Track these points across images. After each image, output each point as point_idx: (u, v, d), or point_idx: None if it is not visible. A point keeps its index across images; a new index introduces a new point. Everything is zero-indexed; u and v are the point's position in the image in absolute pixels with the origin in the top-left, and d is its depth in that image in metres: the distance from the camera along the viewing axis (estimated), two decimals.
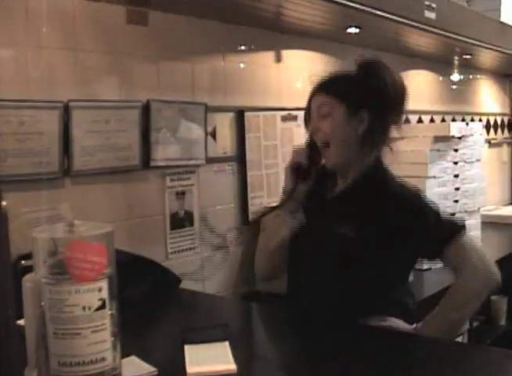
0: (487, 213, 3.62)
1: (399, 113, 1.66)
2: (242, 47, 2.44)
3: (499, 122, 4.51)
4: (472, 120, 4.00)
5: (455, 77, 3.96)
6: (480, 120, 4.13)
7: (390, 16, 2.21)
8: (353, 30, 2.51)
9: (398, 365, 1.25)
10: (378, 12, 2.14)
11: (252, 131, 2.46)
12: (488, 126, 4.35)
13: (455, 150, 2.88)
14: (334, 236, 1.58)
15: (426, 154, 2.74)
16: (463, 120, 3.86)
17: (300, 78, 2.71)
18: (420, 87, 3.59)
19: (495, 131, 4.45)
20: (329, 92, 1.62)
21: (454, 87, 3.97)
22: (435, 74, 3.75)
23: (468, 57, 3.44)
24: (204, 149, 2.25)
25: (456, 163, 2.89)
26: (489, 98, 4.41)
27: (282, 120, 2.59)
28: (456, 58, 3.53)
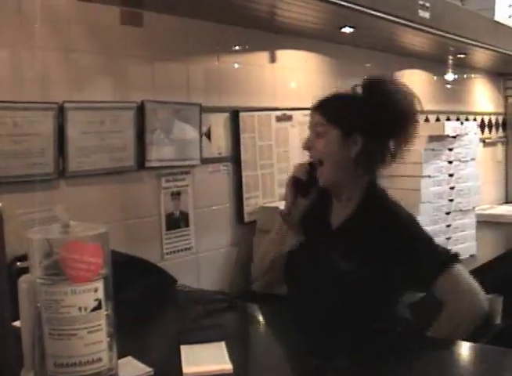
0: (482, 212, 3.64)
1: (402, 137, 1.62)
2: (236, 47, 2.44)
3: (494, 121, 4.52)
4: (467, 119, 4.00)
5: (449, 76, 3.97)
6: (474, 119, 4.13)
7: (384, 16, 2.21)
8: (347, 29, 2.51)
9: (399, 365, 1.25)
10: (372, 11, 2.14)
11: (247, 131, 2.46)
12: (482, 125, 4.36)
13: (449, 150, 2.89)
14: (335, 270, 1.58)
15: (421, 153, 2.74)
16: (458, 119, 3.87)
17: (294, 78, 2.71)
18: (415, 86, 3.56)
19: (489, 130, 4.46)
20: (324, 114, 1.62)
21: (448, 86, 3.98)
22: (430, 74, 3.75)
23: (462, 56, 3.44)
24: (199, 149, 2.24)
25: (451, 162, 2.90)
26: (484, 97, 4.42)
27: (277, 120, 2.59)
28: (451, 57, 3.53)
